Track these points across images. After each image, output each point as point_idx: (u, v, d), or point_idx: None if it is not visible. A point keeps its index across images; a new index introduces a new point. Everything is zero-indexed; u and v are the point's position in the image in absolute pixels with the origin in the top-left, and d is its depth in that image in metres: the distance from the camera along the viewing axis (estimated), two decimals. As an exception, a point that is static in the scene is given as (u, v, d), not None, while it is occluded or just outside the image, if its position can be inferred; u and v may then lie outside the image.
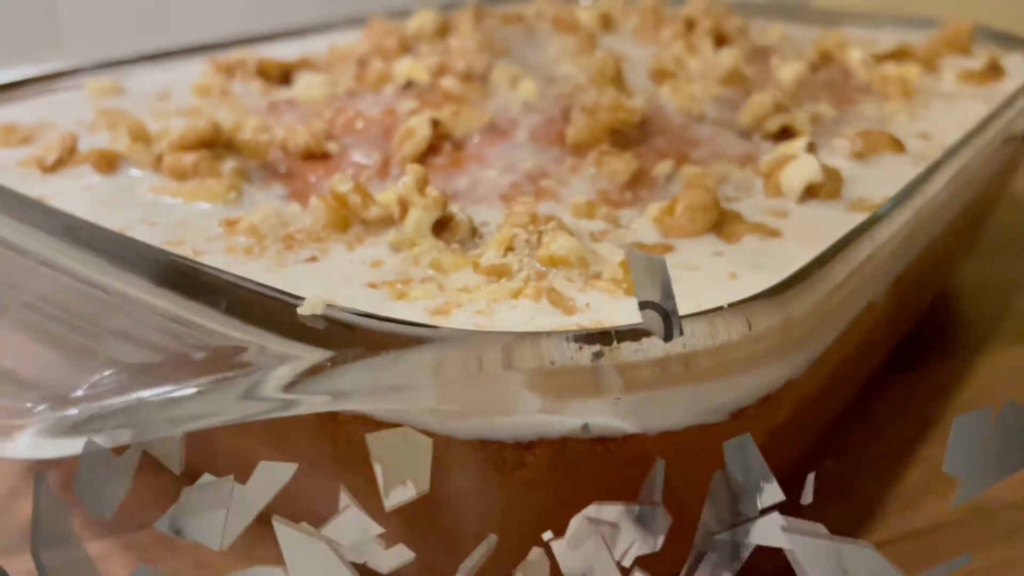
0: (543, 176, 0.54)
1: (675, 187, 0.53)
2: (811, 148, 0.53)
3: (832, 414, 0.55)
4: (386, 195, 0.49)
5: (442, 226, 0.45)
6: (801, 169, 0.49)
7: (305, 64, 0.79)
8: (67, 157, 0.57)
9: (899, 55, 0.79)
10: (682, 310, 0.32)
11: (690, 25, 0.79)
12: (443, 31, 0.80)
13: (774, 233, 0.46)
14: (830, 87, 0.75)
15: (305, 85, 0.70)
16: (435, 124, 0.57)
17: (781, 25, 1.03)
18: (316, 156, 0.57)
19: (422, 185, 0.46)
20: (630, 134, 0.57)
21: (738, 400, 0.38)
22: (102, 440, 0.30)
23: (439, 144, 0.57)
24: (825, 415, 0.54)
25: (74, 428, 0.33)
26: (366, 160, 0.57)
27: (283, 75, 0.76)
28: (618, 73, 0.59)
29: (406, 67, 0.67)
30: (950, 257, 0.72)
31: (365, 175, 0.55)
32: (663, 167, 0.54)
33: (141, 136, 0.58)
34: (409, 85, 0.67)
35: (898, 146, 0.58)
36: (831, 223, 0.48)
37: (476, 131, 0.58)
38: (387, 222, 0.47)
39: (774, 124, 0.60)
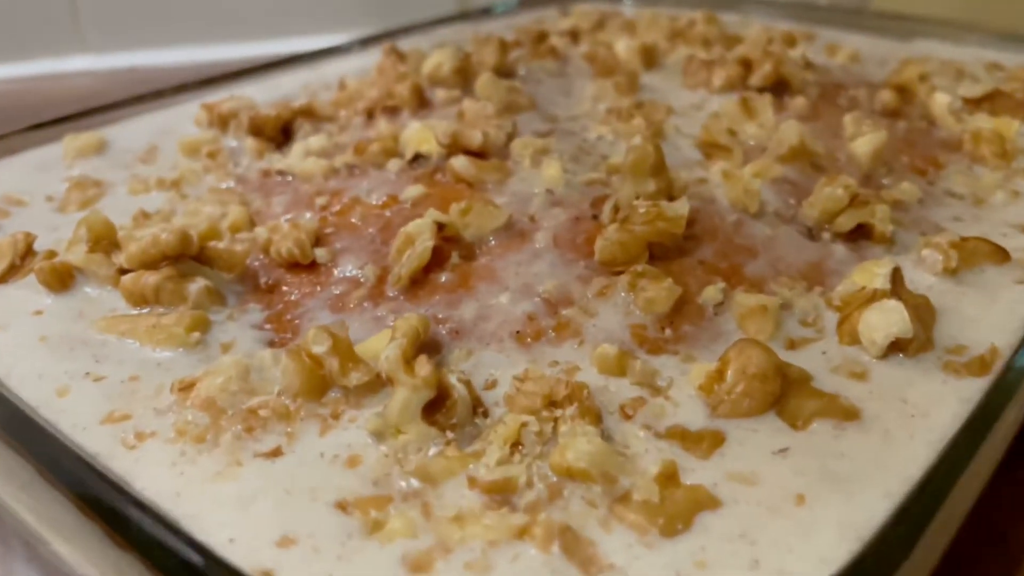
0: (565, 302, 0.45)
1: (726, 322, 0.44)
2: (896, 278, 0.43)
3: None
4: (373, 343, 0.41)
5: (436, 405, 0.37)
6: (886, 321, 0.40)
7: (308, 113, 0.70)
8: (20, 263, 0.50)
9: (993, 99, 0.68)
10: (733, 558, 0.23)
11: (746, 66, 0.68)
12: (463, 71, 0.70)
13: (851, 414, 0.37)
14: (911, 143, 0.64)
15: (301, 152, 0.61)
16: (440, 228, 0.48)
17: (846, 40, 0.91)
18: (302, 266, 0.49)
19: (410, 355, 0.37)
20: (672, 242, 0.47)
21: None
22: None
23: (446, 250, 0.48)
24: None
25: None
26: (358, 272, 0.48)
27: (281, 129, 0.67)
28: (659, 162, 0.49)
29: (415, 136, 0.58)
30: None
31: (356, 296, 0.46)
32: (711, 293, 0.45)
33: (105, 235, 0.50)
34: (417, 158, 0.58)
35: (1001, 255, 0.48)
36: (924, 395, 0.38)
37: (490, 233, 0.49)
38: (372, 388, 0.39)
39: (848, 223, 0.50)
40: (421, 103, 0.68)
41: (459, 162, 0.54)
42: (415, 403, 0.36)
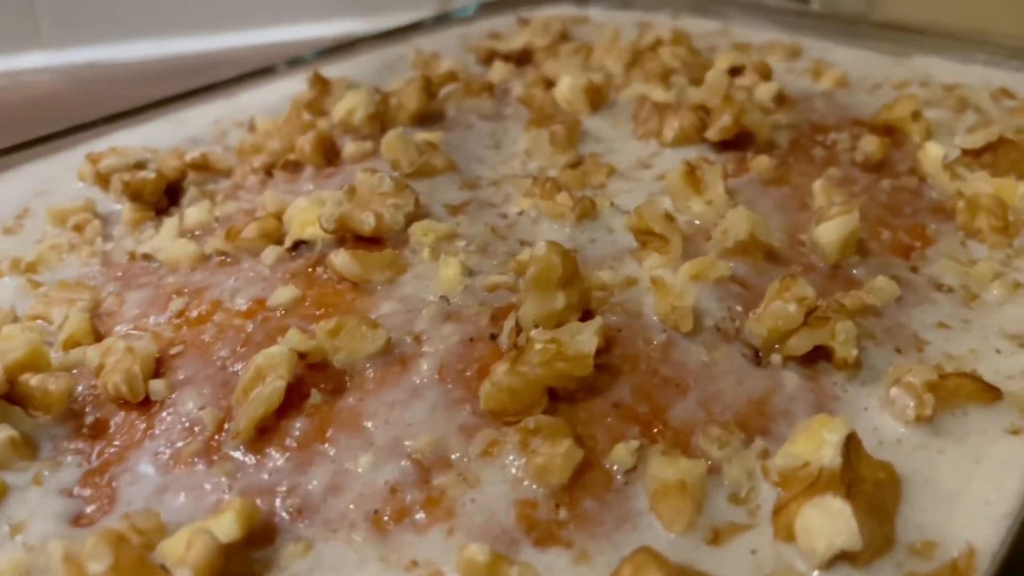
0: (441, 465, 0.36)
1: (637, 497, 0.35)
2: (850, 449, 0.34)
3: None
4: (178, 541, 0.32)
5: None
6: (829, 527, 0.31)
7: (201, 167, 0.61)
8: None
9: (996, 150, 0.57)
10: None
11: (705, 112, 0.58)
12: (380, 117, 0.61)
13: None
14: (895, 210, 0.54)
15: (172, 230, 0.52)
16: (302, 356, 0.39)
17: (835, 56, 0.81)
18: (133, 403, 0.40)
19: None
20: (578, 382, 0.38)
21: None
22: None
23: (308, 383, 0.40)
24: None
25: None
26: (197, 414, 0.39)
27: (166, 191, 0.58)
28: (569, 273, 0.40)
29: (298, 216, 0.49)
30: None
31: (189, 450, 0.38)
32: (622, 454, 0.36)
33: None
34: (299, 246, 0.49)
35: (990, 395, 0.39)
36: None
37: (365, 359, 0.40)
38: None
39: (802, 346, 0.40)
40: (328, 158, 0.59)
41: (340, 258, 0.45)
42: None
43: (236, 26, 1.46)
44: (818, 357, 0.41)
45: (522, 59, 0.78)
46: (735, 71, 0.69)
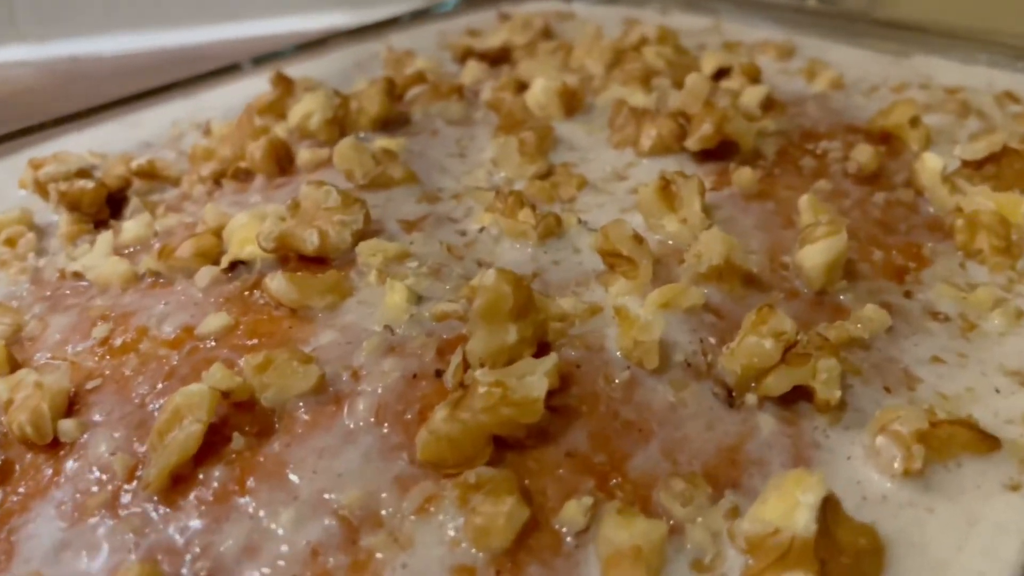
0: (371, 523, 0.32)
1: (588, 563, 0.31)
2: (827, 512, 0.30)
3: None
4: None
5: None
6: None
7: (148, 175, 0.57)
8: None
9: (999, 160, 0.53)
10: None
11: (686, 119, 0.54)
12: (338, 122, 0.57)
13: None
14: (890, 227, 0.50)
15: (105, 247, 0.48)
16: (226, 395, 0.36)
17: (831, 55, 0.77)
18: (40, 445, 0.37)
19: None
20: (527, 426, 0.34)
21: None
22: None
23: (231, 424, 0.36)
24: None
25: None
26: (108, 459, 0.35)
27: (107, 201, 0.54)
28: (522, 303, 0.36)
29: (237, 233, 0.45)
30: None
31: (96, 501, 0.34)
32: (573, 512, 0.32)
33: None
34: (236, 266, 0.45)
35: (987, 444, 0.35)
36: None
37: (297, 397, 0.37)
38: None
39: (780, 386, 0.36)
40: (282, 167, 0.55)
41: (276, 282, 0.41)
42: None
43: (221, 18, 1.42)
44: (798, 397, 0.37)
45: (499, 58, 0.74)
46: (722, 72, 0.65)
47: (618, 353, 0.38)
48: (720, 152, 0.53)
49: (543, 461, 0.34)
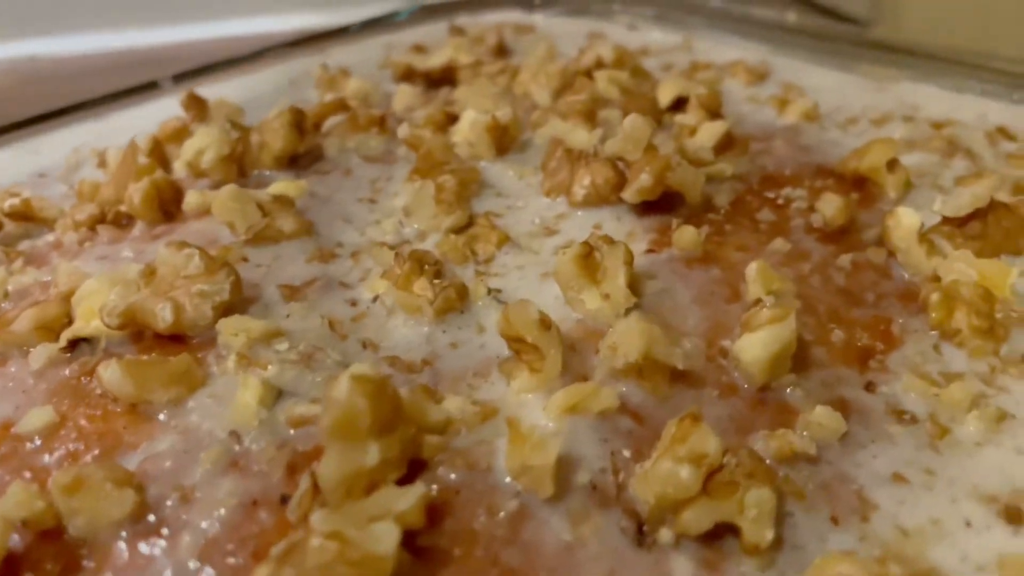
0: None
1: None
2: None
3: None
4: None
5: None
6: None
7: (23, 216, 0.50)
8: None
9: (985, 217, 0.46)
10: None
11: (626, 164, 0.47)
12: (236, 159, 0.50)
13: None
14: (854, 297, 0.43)
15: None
16: (25, 523, 0.29)
17: (809, 79, 0.70)
18: None
19: None
20: None
21: None
22: None
23: (30, 557, 0.29)
24: None
25: None
26: None
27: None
28: (386, 417, 0.29)
29: (86, 302, 0.39)
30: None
31: None
32: None
33: None
34: (78, 344, 0.38)
35: (951, 610, 0.28)
36: None
37: (112, 527, 0.30)
38: None
39: (700, 523, 0.29)
40: (167, 212, 0.48)
41: (110, 372, 0.34)
42: None
43: (192, 18, 1.35)
44: (724, 532, 0.31)
45: (441, 79, 0.67)
46: (680, 103, 0.58)
47: (508, 479, 0.31)
48: (664, 204, 0.46)
49: (397, 629, 0.27)
